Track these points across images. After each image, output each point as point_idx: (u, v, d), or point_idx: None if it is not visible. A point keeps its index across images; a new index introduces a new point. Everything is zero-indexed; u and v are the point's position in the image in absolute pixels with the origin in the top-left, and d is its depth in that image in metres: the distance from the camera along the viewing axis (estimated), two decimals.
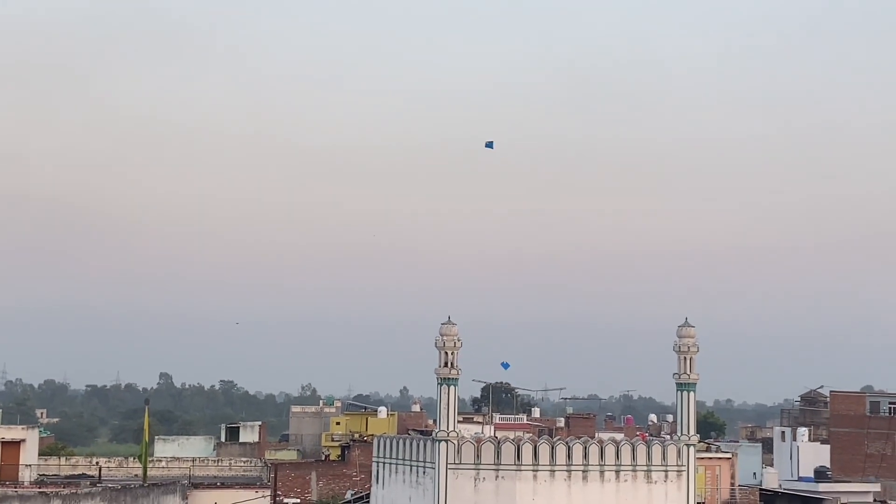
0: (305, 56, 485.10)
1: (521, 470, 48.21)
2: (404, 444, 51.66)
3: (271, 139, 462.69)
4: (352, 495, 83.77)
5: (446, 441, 47.92)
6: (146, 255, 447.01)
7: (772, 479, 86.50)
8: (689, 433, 50.26)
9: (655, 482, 49.59)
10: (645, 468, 49.56)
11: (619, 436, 62.23)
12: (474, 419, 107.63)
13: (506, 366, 54.34)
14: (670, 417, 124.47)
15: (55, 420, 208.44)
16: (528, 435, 66.65)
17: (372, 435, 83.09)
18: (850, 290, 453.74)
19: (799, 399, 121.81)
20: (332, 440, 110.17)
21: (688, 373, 50.42)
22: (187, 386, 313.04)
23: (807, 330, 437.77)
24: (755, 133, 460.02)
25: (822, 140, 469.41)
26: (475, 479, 48.09)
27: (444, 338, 48.54)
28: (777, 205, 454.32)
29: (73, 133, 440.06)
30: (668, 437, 57.20)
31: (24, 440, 75.65)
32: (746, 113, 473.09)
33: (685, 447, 50.12)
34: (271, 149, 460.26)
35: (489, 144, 53.58)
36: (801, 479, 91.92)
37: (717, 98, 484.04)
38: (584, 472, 48.89)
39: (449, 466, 47.93)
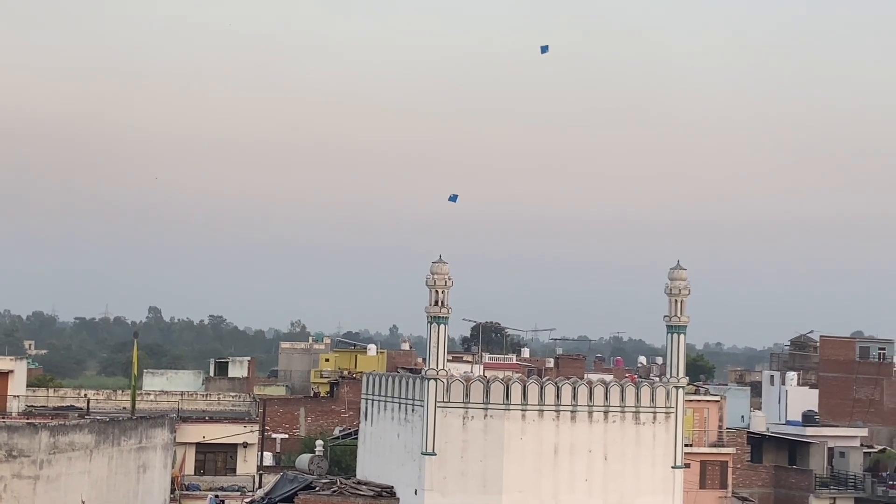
0: None
1: (509, 409, 48.15)
2: (393, 381, 51.58)
3: (266, 66, 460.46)
4: (340, 431, 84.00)
5: (435, 379, 47.81)
6: (135, 187, 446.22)
7: (759, 423, 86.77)
8: (678, 375, 50.24)
9: (643, 423, 49.60)
10: (633, 409, 49.54)
11: (608, 377, 62.24)
12: (464, 358, 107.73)
13: (453, 198, 54.45)
14: (660, 360, 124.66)
15: (43, 352, 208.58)
16: (517, 375, 66.70)
17: (361, 372, 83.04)
18: (842, 235, 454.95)
19: (789, 343, 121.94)
20: (321, 377, 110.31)
21: (678, 315, 50.31)
22: (176, 320, 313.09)
23: (798, 275, 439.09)
24: (759, 73, 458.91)
25: (822, 83, 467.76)
26: (464, 418, 48.04)
27: (435, 276, 48.37)
28: (770, 148, 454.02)
29: (54, 57, 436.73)
30: (657, 379, 57.15)
31: (12, 371, 75.34)
32: (751, 55, 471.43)
33: (674, 389, 50.08)
34: (264, 77, 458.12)
35: (544, 49, 53.89)
36: (788, 422, 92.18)
37: (722, 40, 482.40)
38: (572, 412, 48.86)
39: (438, 404, 47.86)
